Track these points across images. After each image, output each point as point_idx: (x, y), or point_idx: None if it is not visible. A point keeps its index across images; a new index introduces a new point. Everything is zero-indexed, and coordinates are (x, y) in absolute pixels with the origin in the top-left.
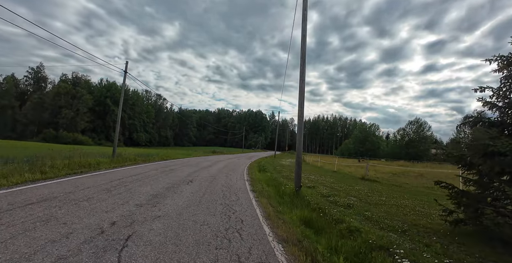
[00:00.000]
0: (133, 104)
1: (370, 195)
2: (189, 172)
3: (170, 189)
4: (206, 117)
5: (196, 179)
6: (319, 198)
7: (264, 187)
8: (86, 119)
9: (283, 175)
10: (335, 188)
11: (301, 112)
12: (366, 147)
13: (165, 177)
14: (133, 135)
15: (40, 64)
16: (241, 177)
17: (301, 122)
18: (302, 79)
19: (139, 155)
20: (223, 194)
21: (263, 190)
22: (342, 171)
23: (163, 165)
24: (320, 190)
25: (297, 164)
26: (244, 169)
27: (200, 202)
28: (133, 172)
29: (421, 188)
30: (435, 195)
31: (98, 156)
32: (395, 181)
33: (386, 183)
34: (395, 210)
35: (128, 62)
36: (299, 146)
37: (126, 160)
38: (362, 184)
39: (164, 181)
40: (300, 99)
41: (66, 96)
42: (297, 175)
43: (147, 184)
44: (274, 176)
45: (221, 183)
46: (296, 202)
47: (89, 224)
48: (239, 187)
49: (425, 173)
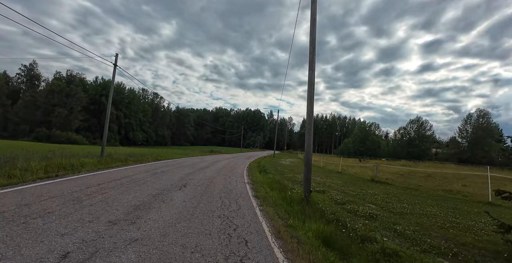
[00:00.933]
0: (129, 102)
1: (389, 202)
2: (183, 174)
3: (158, 196)
4: (204, 116)
5: (190, 183)
6: (333, 206)
7: (268, 191)
8: (81, 118)
9: (286, 176)
10: (348, 193)
11: (310, 106)
12: (366, 146)
13: (155, 181)
14: (129, 134)
15: (33, 62)
16: (241, 179)
17: (310, 118)
18: (311, 68)
19: (132, 155)
20: (221, 202)
21: (267, 196)
22: (347, 172)
23: (156, 166)
24: (332, 195)
25: (306, 166)
26: (244, 170)
27: (193, 215)
28: (119, 175)
29: (439, 191)
30: (458, 200)
31: (85, 157)
32: (407, 183)
33: (399, 186)
34: (426, 221)
35: (118, 55)
36: (308, 145)
37: (116, 160)
38: (374, 187)
39: (152, 187)
40: (309, 92)
41: (59, 94)
42: (306, 179)
43: (132, 190)
44: (277, 178)
45: (219, 188)
46: (308, 211)
47: (25, 258)
48: (239, 192)
49: (433, 174)
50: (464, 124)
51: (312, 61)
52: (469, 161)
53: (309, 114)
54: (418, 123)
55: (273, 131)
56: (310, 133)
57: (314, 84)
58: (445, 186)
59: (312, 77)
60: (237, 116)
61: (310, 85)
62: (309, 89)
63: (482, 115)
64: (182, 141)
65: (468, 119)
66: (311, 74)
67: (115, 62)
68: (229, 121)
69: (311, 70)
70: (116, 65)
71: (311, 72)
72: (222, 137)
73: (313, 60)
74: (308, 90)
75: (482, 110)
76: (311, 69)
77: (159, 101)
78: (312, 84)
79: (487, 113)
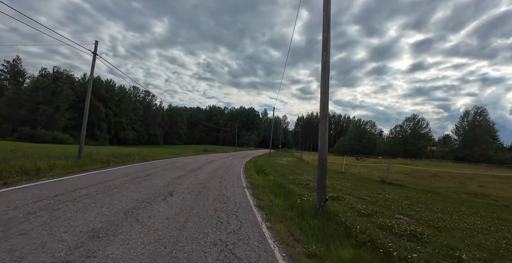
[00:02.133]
0: (119, 100)
1: (418, 210)
2: (171, 178)
3: (132, 213)
4: (197, 115)
5: (178, 190)
6: (358, 220)
7: (272, 199)
8: (68, 116)
9: (288, 178)
10: (365, 199)
11: (324, 96)
12: (362, 144)
13: (134, 189)
14: (119, 133)
15: (17, 57)
16: (239, 182)
17: (325, 109)
18: (325, 50)
19: (117, 155)
20: (217, 218)
21: (272, 205)
22: (351, 172)
23: (141, 168)
24: (349, 203)
25: (320, 168)
26: (241, 171)
27: (176, 244)
28: (91, 180)
29: (461, 194)
30: (492, 206)
31: (60, 157)
32: (420, 184)
33: (415, 188)
34: (484, 241)
35: (97, 42)
36: (322, 143)
37: (95, 162)
38: (389, 190)
39: (129, 197)
40: (323, 78)
41: (44, 91)
42: (320, 184)
43: (98, 204)
44: (278, 181)
45: (213, 195)
46: (329, 229)
47: None
48: (238, 201)
49: (439, 174)
50: (461, 122)
51: (327, 41)
52: (467, 159)
53: (324, 105)
54: (414, 121)
55: (267, 129)
56: (324, 127)
57: (329, 69)
58: (462, 188)
59: (326, 60)
60: (231, 115)
61: (324, 70)
62: (323, 75)
63: (479, 113)
64: (175, 140)
65: (465, 117)
66: (326, 57)
67: (95, 51)
68: (223, 120)
69: (325, 51)
70: (95, 54)
71: (325, 55)
72: (216, 136)
73: (327, 40)
74: (323, 75)
75: (479, 107)
76: (325, 50)
77: (151, 99)
78: (326, 68)
79: (484, 110)
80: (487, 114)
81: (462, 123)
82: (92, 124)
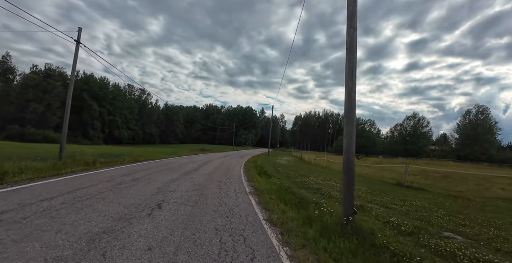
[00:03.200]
0: (113, 98)
1: (463, 224)
2: (163, 182)
3: (99, 241)
4: (194, 114)
5: (170, 200)
6: (402, 241)
7: (283, 208)
8: (60, 115)
9: (295, 181)
10: (393, 208)
11: (351, 83)
12: (362, 143)
13: (113, 199)
14: (114, 132)
15: (6, 54)
16: (241, 187)
17: (352, 98)
18: (352, 26)
19: (105, 155)
20: (219, 244)
21: (285, 219)
22: (356, 173)
23: (129, 171)
24: (379, 214)
25: (346, 173)
26: (241, 172)
27: None
28: (63, 187)
29: (493, 200)
30: None
31: (39, 158)
32: (439, 187)
33: (438, 193)
34: None
35: (81, 29)
36: (349, 142)
37: (78, 164)
38: (411, 195)
39: (102, 212)
40: (349, 62)
41: (35, 88)
42: (347, 193)
43: (54, 225)
44: (285, 184)
45: (212, 206)
46: (369, 257)
47: None
48: (244, 214)
49: (448, 174)
50: (463, 120)
51: (353, 16)
52: (468, 158)
53: (350, 92)
54: (415, 120)
55: (265, 128)
56: (351, 122)
57: (356, 51)
58: (484, 191)
59: (353, 38)
60: (228, 114)
61: (350, 51)
62: (349, 58)
63: (481, 111)
64: (171, 139)
65: (467, 115)
66: (352, 34)
67: (78, 39)
68: (220, 119)
69: (352, 28)
70: (79, 42)
71: (352, 32)
72: (213, 135)
73: (353, 13)
74: (348, 58)
75: (481, 106)
76: (352, 27)
77: (146, 97)
78: (353, 50)
79: (486, 108)
80: (489, 112)
81: (464, 121)
82: (86, 123)
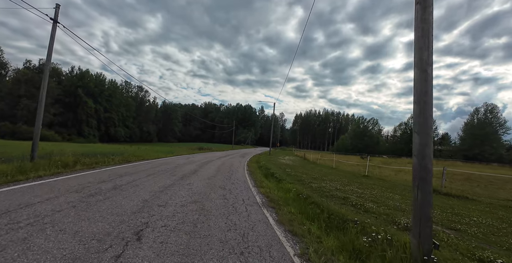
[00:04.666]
0: (109, 95)
1: None
2: (151, 192)
3: None
4: (192, 112)
5: (156, 222)
6: None
7: (316, 232)
8: (53, 112)
9: (311, 187)
10: (461, 230)
11: (428, 50)
12: (365, 142)
13: (70, 225)
14: (110, 130)
15: None
16: (249, 195)
17: (427, 80)
18: None
19: (92, 154)
20: None
21: (327, 253)
22: (374, 175)
23: (112, 175)
24: (455, 243)
25: (420, 187)
26: (246, 175)
27: None
28: (8, 202)
29: None
30: None
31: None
32: (480, 195)
33: (488, 202)
34: None
35: (59, 7)
36: (424, 139)
37: (52, 166)
38: (461, 207)
39: (37, 255)
40: (424, 22)
41: (27, 84)
42: (423, 217)
43: None
44: (302, 192)
45: (217, 233)
46: None
47: None
48: (264, 246)
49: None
50: (471, 119)
51: None
52: (477, 159)
53: (424, 66)
54: None
55: (264, 127)
56: (427, 110)
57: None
58: None
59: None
60: (227, 112)
61: (423, 8)
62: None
63: (490, 110)
64: (169, 137)
65: (475, 114)
66: None
67: (55, 17)
68: (219, 117)
69: None
70: (56, 21)
71: None
72: (212, 133)
73: None
74: (422, 18)
75: (490, 104)
76: None
77: (144, 95)
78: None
79: (495, 107)
80: (498, 111)
81: (472, 121)
82: (80, 121)
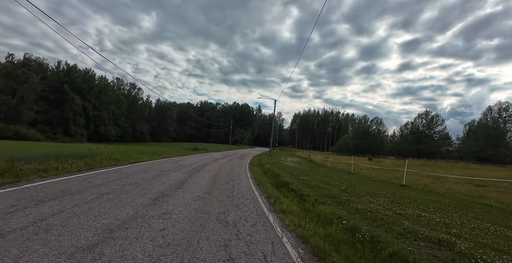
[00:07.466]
0: (99, 92)
1: None
2: (86, 242)
3: None
4: (188, 111)
5: None
6: None
7: None
8: (37, 109)
9: (357, 210)
10: None
11: None
12: (368, 142)
13: None
14: (100, 129)
15: None
16: (275, 242)
17: None
18: None
19: (48, 157)
20: None
21: None
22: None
23: (42, 196)
24: None
25: None
26: (252, 188)
27: None
28: None
29: None
30: None
31: None
32: None
33: None
34: None
35: None
36: None
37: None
38: None
39: None
40: None
41: (6, 78)
42: None
43: None
44: (359, 226)
45: None
46: None
47: None
48: None
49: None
50: (484, 119)
51: None
52: (490, 160)
53: None
54: (427, 118)
55: (262, 126)
56: None
57: None
58: None
59: None
60: (223, 111)
61: None
62: None
63: (504, 108)
64: (164, 137)
65: (488, 113)
66: None
67: None
68: (215, 116)
69: None
70: None
71: None
72: (208, 133)
73: None
74: None
75: (505, 103)
76: None
77: (137, 92)
78: None
79: (510, 105)
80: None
81: (484, 120)
82: (67, 119)
